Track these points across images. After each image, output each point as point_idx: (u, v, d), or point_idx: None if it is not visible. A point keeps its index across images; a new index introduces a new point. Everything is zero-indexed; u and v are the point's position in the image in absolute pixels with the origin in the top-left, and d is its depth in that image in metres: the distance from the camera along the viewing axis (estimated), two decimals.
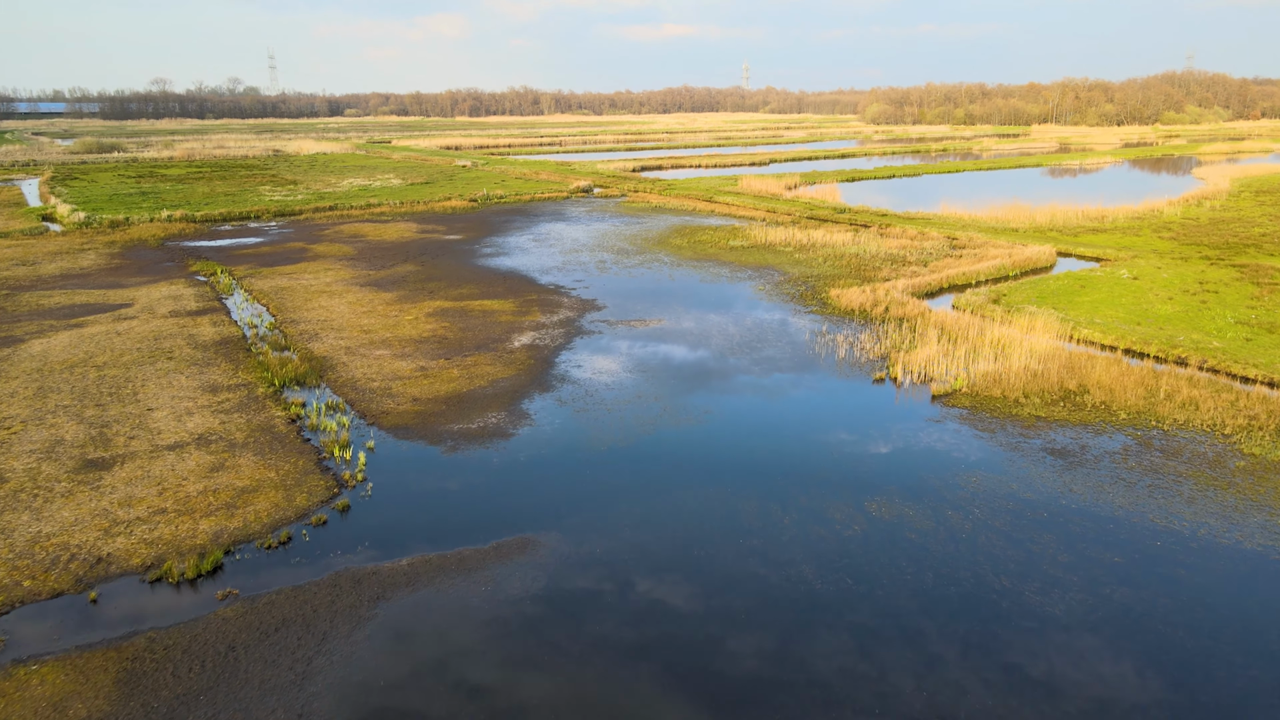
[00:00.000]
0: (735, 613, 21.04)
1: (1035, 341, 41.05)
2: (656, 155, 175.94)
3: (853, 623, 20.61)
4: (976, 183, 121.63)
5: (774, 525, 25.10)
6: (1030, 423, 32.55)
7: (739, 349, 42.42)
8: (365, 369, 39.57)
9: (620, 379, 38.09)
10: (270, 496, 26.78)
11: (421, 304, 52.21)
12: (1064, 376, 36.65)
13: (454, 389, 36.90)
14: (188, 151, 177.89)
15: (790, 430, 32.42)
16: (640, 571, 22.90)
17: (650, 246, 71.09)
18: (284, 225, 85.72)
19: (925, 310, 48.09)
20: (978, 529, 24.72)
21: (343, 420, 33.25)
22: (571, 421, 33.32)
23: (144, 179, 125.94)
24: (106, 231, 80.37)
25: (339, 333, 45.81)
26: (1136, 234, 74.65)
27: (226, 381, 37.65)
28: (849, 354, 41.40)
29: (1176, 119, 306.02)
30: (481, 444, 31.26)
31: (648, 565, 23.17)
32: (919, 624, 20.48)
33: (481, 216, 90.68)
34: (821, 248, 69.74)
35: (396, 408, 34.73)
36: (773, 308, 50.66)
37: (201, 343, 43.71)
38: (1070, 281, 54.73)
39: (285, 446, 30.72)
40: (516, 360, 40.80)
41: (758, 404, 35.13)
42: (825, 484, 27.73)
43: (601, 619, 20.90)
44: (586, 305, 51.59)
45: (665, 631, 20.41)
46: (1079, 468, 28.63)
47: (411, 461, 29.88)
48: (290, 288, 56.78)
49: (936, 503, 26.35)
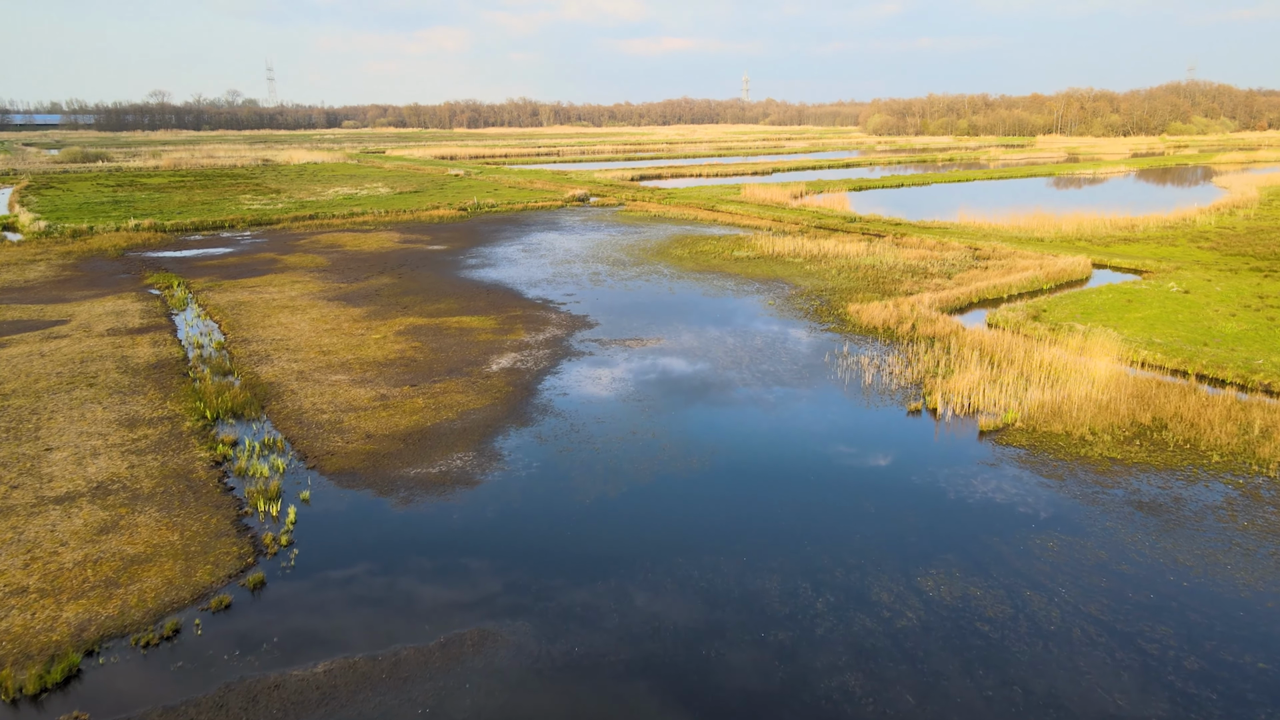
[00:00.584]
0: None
1: (1092, 365, 35.54)
2: (656, 165, 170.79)
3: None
4: (989, 192, 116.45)
5: (805, 612, 19.51)
6: (1104, 467, 26.99)
7: (748, 373, 36.91)
8: (316, 398, 34.04)
9: (612, 410, 32.57)
10: (164, 569, 21.18)
11: (392, 321, 46.72)
12: (1134, 408, 31.11)
13: (416, 423, 31.35)
14: (174, 161, 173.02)
15: (815, 476, 26.86)
16: (633, 680, 17.31)
17: (649, 257, 65.69)
18: (258, 235, 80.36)
19: (958, 328, 42.61)
20: (1069, 618, 19.12)
21: (278, 463, 27.69)
22: (552, 465, 27.76)
23: (121, 188, 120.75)
24: (66, 241, 74.99)
25: (294, 354, 40.30)
26: (1172, 244, 69.30)
27: (149, 414, 32.10)
28: (876, 379, 35.89)
29: (1183, 129, 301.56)
30: (441, 494, 25.70)
31: (642, 670, 17.59)
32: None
33: (470, 226, 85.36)
34: (834, 258, 64.35)
35: (345, 446, 29.17)
36: (785, 325, 45.19)
37: (133, 366, 38.19)
38: (1115, 295, 49.26)
39: (200, 499, 25.15)
40: (493, 387, 35.28)
41: (773, 442, 29.58)
42: (865, 551, 22.15)
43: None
44: (577, 322, 46.12)
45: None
46: (1179, 529, 23.06)
47: (353, 518, 24.30)
48: (250, 302, 51.31)
49: (1008, 579, 20.77)
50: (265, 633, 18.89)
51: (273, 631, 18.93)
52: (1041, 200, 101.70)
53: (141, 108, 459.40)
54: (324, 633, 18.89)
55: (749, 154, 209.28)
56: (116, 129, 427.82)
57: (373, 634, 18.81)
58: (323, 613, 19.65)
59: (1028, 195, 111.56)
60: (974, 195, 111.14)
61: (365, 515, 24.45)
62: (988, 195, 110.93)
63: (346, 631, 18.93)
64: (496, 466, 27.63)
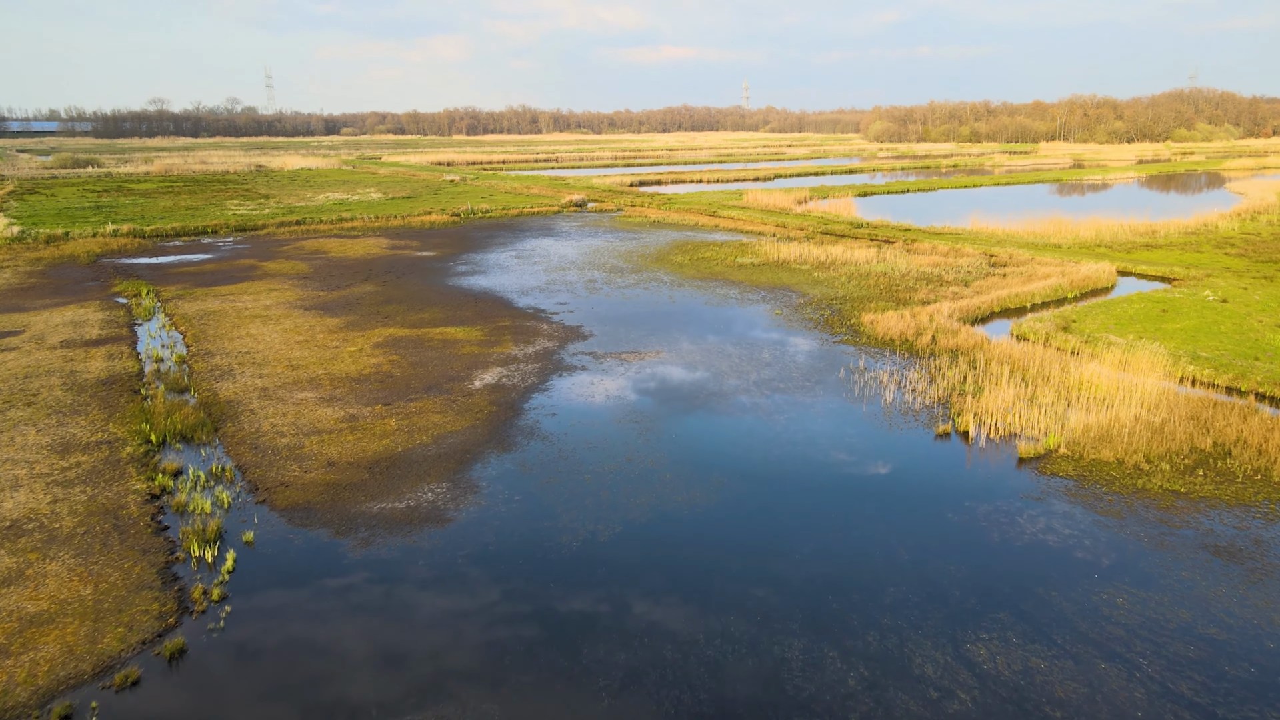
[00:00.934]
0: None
1: (1137, 382, 32.16)
2: (655, 171, 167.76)
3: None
4: (998, 198, 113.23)
5: (834, 691, 16.08)
6: (1167, 502, 23.59)
7: (756, 390, 33.52)
8: (278, 418, 30.64)
9: (606, 433, 29.16)
10: (67, 634, 17.76)
11: (371, 331, 43.35)
12: (1192, 431, 27.71)
13: (386, 448, 27.95)
14: (166, 167, 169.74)
15: (836, 514, 23.44)
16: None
17: (648, 264, 62.39)
18: (241, 241, 77.05)
19: (983, 340, 39.25)
20: (1158, 702, 15.69)
21: (223, 497, 24.28)
22: (536, 499, 24.34)
23: (107, 193, 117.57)
24: (39, 247, 71.69)
25: (260, 368, 36.92)
26: (1197, 250, 66.00)
27: (87, 438, 28.69)
28: (898, 398, 32.50)
29: (1188, 136, 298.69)
30: (407, 535, 22.30)
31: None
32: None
33: (462, 232, 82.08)
34: (843, 265, 61.03)
35: (302, 476, 25.76)
36: (794, 336, 41.81)
37: (81, 383, 34.81)
38: (1147, 305, 45.90)
39: (125, 541, 21.73)
40: (474, 407, 31.88)
41: (787, 471, 26.16)
42: (901, 610, 18.72)
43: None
44: (570, 333, 42.75)
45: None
46: (1267, 579, 19.64)
47: (301, 566, 20.88)
48: (221, 311, 47.95)
49: (1076, 646, 17.34)
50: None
51: (183, 719, 15.50)
52: (1053, 206, 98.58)
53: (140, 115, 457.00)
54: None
55: (750, 160, 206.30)
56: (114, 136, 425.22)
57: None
58: (244, 693, 16.22)
59: (1038, 201, 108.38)
60: (982, 201, 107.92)
61: (316, 561, 21.02)
62: (996, 201, 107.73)
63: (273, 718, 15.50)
64: (472, 501, 24.22)
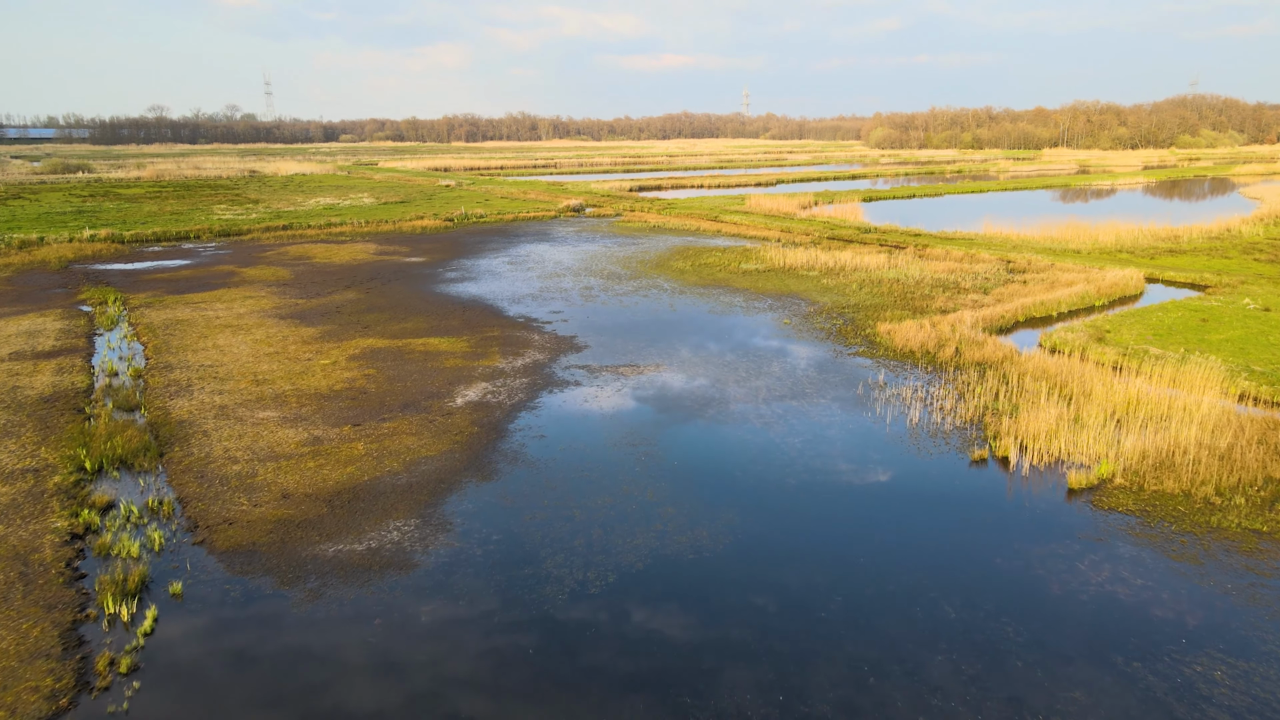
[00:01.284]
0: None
1: (1192, 400, 28.91)
2: (655, 176, 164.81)
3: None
4: (1006, 203, 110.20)
5: None
6: (1250, 544, 20.30)
7: (765, 409, 30.24)
8: (232, 441, 27.37)
9: (599, 459, 25.89)
10: None
11: (349, 343, 40.11)
12: (1264, 458, 24.44)
13: (350, 476, 24.68)
14: (158, 172, 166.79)
15: (865, 559, 20.16)
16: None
17: (647, 270, 59.19)
18: (223, 246, 73.88)
19: (1012, 352, 36.02)
20: None
21: (155, 537, 21.00)
22: (517, 539, 21.06)
23: (93, 198, 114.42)
24: (9, 253, 68.48)
25: (222, 383, 33.67)
26: (1224, 256, 62.84)
27: (13, 464, 25.41)
28: (924, 417, 29.24)
29: (1192, 143, 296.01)
30: (364, 584, 19.01)
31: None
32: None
33: (454, 237, 78.94)
34: (853, 271, 57.83)
35: (250, 512, 22.48)
36: (805, 347, 38.57)
37: (22, 399, 31.54)
38: (1185, 314, 42.68)
39: (31, 594, 18.44)
40: (453, 428, 28.60)
41: (805, 506, 22.89)
42: (953, 688, 15.42)
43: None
44: (563, 344, 39.51)
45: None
46: None
47: (234, 625, 17.58)
48: (189, 320, 44.71)
49: None
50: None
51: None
52: (1065, 211, 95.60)
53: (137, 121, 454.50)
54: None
55: (751, 166, 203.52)
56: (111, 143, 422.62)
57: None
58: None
59: (1048, 206, 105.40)
60: (991, 206, 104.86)
61: (251, 620, 17.73)
62: (1005, 206, 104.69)
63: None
64: (443, 542, 20.93)
